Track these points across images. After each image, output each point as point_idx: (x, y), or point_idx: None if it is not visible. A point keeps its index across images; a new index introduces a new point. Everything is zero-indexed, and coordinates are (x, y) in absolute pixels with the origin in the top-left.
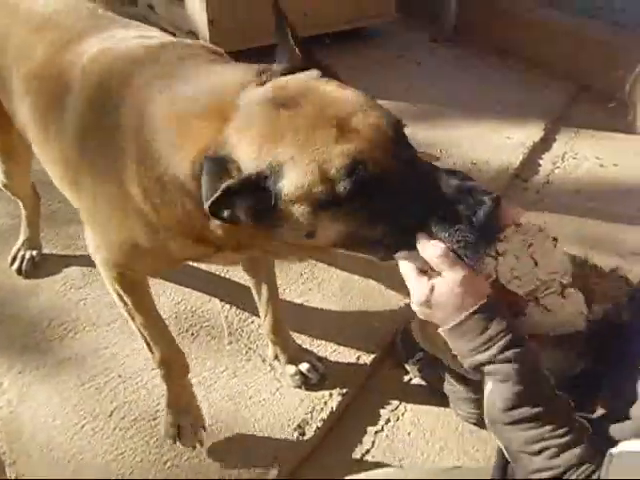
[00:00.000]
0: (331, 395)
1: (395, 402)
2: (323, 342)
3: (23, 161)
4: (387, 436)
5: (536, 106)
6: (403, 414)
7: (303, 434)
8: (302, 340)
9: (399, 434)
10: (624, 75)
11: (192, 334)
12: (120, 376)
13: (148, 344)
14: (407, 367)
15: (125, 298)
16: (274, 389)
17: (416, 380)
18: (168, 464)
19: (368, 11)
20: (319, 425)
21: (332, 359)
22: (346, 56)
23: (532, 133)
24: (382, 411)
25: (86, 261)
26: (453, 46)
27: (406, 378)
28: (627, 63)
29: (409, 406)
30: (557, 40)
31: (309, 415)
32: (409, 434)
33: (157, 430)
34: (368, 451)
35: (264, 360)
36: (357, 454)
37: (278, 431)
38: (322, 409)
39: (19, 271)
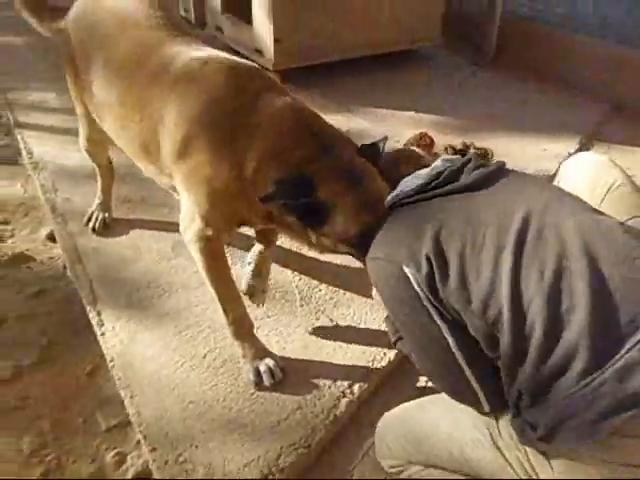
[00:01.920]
0: (389, 349)
1: None
2: None
3: (102, 131)
4: None
5: (572, 124)
6: None
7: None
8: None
9: None
10: None
11: (269, 297)
12: (210, 327)
13: (223, 305)
14: None
15: (208, 266)
16: (342, 343)
17: None
18: (254, 395)
19: (418, 35)
20: (383, 365)
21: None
22: (396, 75)
23: (567, 146)
24: None
25: (174, 239)
26: (492, 70)
27: None
28: None
29: None
30: (593, 65)
31: (370, 363)
32: None
33: (230, 380)
34: (424, 388)
35: (331, 320)
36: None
37: (344, 374)
38: (382, 358)
39: (93, 229)
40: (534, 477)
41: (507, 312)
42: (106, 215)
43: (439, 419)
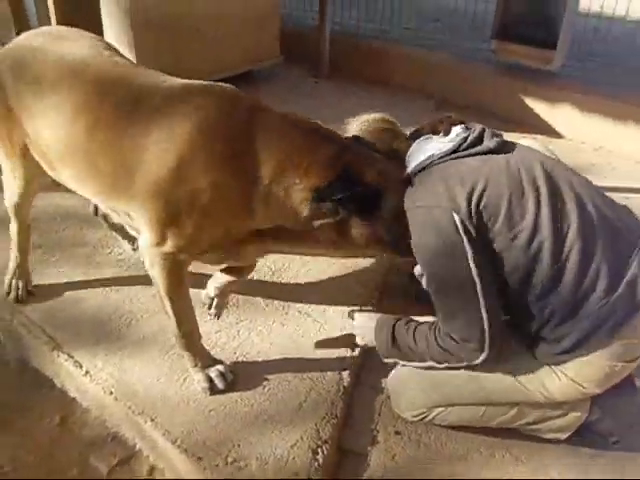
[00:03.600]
0: None
1: None
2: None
3: (35, 187)
4: None
5: (404, 119)
6: None
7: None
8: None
9: None
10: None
11: (235, 305)
12: None
13: (177, 320)
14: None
15: (171, 287)
16: (316, 330)
17: None
18: (266, 389)
19: (260, 55)
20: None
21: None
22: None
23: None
24: None
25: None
26: (331, 80)
27: None
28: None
29: None
30: (409, 68)
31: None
32: None
33: (238, 380)
34: None
35: (299, 311)
36: None
37: (334, 353)
38: None
39: (16, 300)
40: (543, 390)
41: (549, 245)
42: (27, 281)
43: None
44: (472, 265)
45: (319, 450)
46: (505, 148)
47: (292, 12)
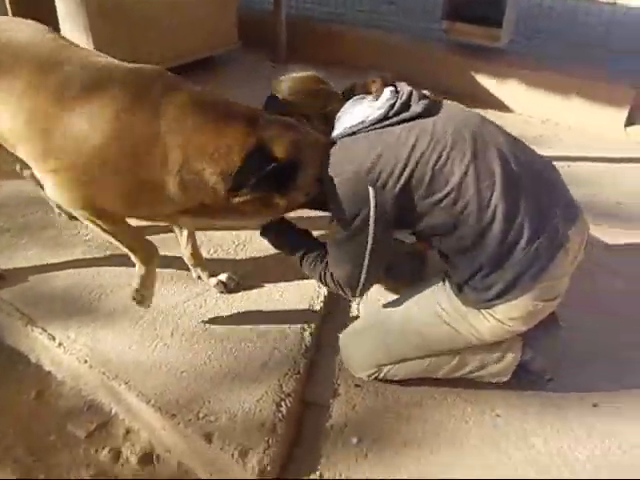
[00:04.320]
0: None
1: None
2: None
3: None
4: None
5: None
6: None
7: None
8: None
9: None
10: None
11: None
12: (162, 312)
13: (132, 249)
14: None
15: (102, 224)
16: (278, 296)
17: None
18: (233, 350)
19: (217, 41)
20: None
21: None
22: (207, 78)
23: None
24: None
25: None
26: (288, 65)
27: None
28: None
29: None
30: (363, 50)
31: (311, 301)
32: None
33: (207, 344)
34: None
35: (262, 280)
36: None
37: (294, 315)
38: (318, 296)
39: None
40: (474, 332)
41: (473, 207)
42: None
43: (393, 323)
44: (370, 235)
45: (282, 403)
46: (433, 110)
47: None
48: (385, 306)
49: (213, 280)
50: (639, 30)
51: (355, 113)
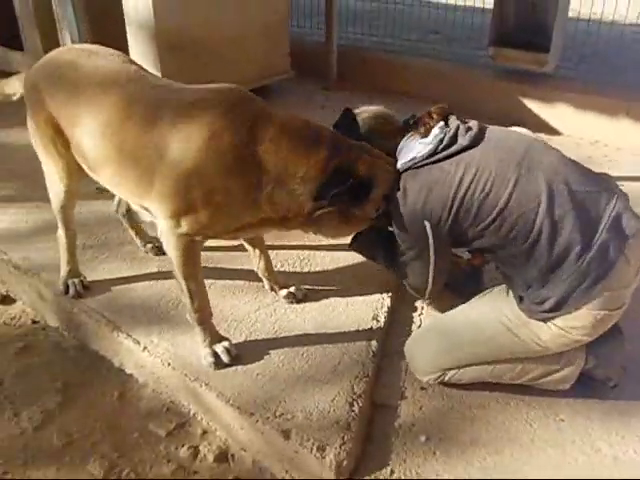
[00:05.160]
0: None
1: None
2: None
3: (76, 187)
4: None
5: None
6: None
7: (377, 316)
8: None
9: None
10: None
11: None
12: (233, 319)
13: (191, 296)
14: None
15: (185, 263)
16: (344, 306)
17: None
18: (304, 355)
19: (270, 71)
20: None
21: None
22: None
23: None
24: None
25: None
26: (341, 91)
27: None
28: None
29: None
30: (415, 76)
31: (375, 310)
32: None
33: (279, 349)
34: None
35: (328, 291)
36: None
37: (358, 322)
38: (382, 305)
39: (75, 296)
40: (537, 340)
41: (519, 227)
42: (81, 278)
43: (459, 330)
44: (432, 258)
45: (355, 403)
46: (479, 140)
47: (300, 29)
48: (450, 314)
49: (283, 291)
50: None
51: (408, 151)
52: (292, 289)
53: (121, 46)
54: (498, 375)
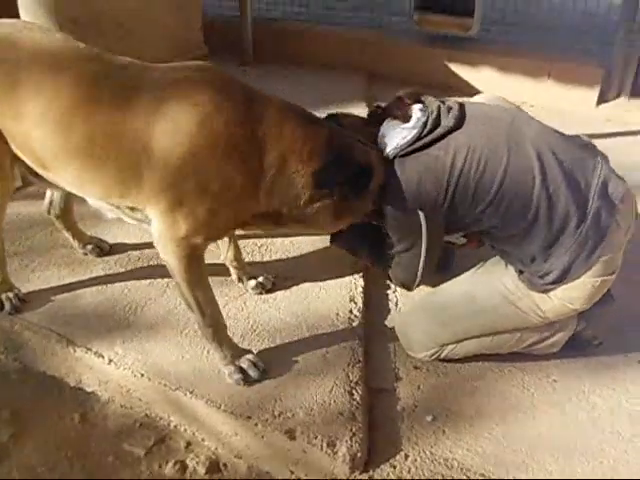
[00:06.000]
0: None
1: None
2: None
3: (11, 187)
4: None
5: (347, 92)
6: None
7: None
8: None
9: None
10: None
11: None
12: None
13: (200, 309)
14: None
15: (189, 272)
16: (317, 292)
17: None
18: (294, 356)
19: (185, 47)
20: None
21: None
22: None
23: (361, 111)
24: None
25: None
26: (258, 66)
27: None
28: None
29: None
30: (338, 46)
31: (350, 293)
32: None
33: (259, 344)
34: None
35: (295, 278)
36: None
37: (337, 308)
38: (356, 286)
39: (11, 312)
40: (539, 312)
41: (516, 207)
42: (15, 291)
43: (456, 304)
44: (423, 250)
45: (354, 391)
46: (462, 118)
47: (212, 2)
48: (444, 288)
49: (252, 282)
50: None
51: (392, 138)
52: (261, 279)
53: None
54: (497, 346)
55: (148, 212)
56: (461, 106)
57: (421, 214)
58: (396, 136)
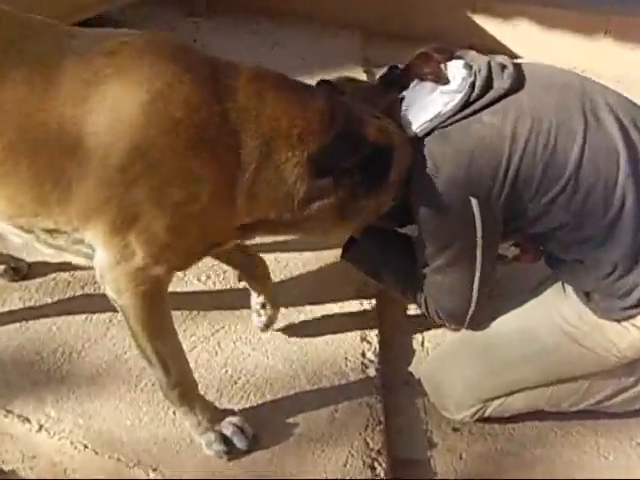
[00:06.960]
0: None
1: None
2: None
3: None
4: None
5: (340, 51)
6: None
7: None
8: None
9: None
10: None
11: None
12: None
13: (163, 364)
14: None
15: (149, 315)
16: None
17: None
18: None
19: None
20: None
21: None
22: None
23: (356, 73)
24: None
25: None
26: (212, 19)
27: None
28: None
29: None
30: None
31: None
32: None
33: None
34: None
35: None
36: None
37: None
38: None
39: None
40: (614, 350)
41: (595, 197)
42: None
43: (502, 346)
44: (479, 260)
45: (375, 464)
46: (521, 79)
47: None
48: (485, 324)
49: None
50: None
51: (427, 106)
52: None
53: None
54: (556, 401)
55: (86, 236)
56: (515, 64)
57: (474, 201)
58: (432, 103)
